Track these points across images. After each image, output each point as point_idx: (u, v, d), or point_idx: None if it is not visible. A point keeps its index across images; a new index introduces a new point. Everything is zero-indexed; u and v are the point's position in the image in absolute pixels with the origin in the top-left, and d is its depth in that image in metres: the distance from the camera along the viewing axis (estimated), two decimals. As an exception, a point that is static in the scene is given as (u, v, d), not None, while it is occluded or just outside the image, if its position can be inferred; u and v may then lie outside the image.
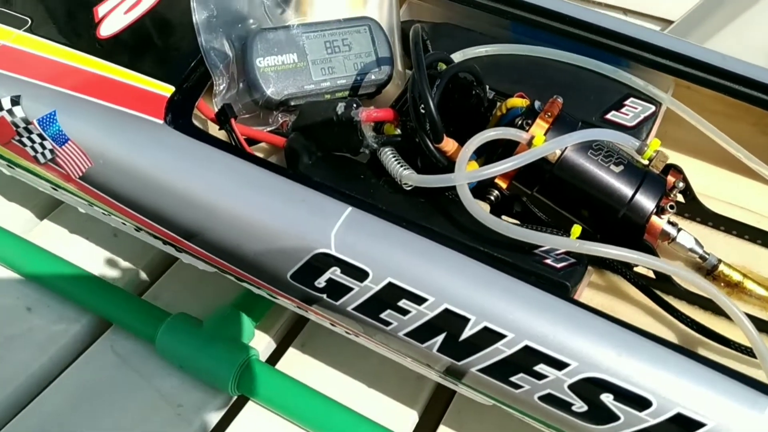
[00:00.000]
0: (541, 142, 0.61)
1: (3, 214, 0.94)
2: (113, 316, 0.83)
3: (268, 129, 0.73)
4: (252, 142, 0.72)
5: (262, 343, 0.81)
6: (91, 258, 0.90)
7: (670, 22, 1.27)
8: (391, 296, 0.58)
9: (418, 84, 0.61)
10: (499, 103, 0.67)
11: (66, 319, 0.84)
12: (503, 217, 0.66)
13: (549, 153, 0.61)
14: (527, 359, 0.54)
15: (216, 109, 0.71)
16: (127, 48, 0.73)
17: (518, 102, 0.66)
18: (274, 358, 0.81)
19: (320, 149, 0.69)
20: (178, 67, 0.70)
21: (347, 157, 0.68)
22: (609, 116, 0.72)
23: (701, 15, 1.20)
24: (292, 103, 0.72)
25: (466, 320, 0.55)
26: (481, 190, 0.65)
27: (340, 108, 0.66)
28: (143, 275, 0.90)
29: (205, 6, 0.72)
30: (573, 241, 0.57)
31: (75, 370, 0.80)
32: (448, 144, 0.63)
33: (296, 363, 0.79)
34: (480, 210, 0.59)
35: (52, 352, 0.82)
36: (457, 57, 0.75)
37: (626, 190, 0.63)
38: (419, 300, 0.56)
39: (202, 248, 0.67)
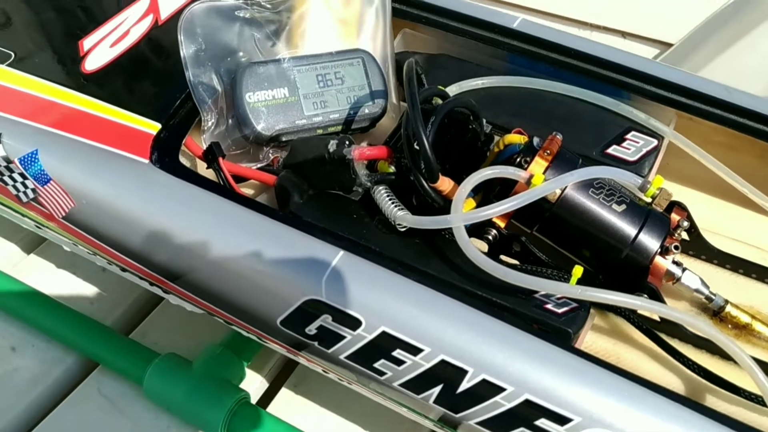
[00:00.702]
0: (540, 181, 0.59)
1: (-12, 250, 0.91)
2: (100, 356, 0.80)
3: (259, 165, 0.71)
4: (242, 179, 0.70)
5: (253, 384, 0.78)
6: (78, 294, 0.87)
7: (669, 45, 1.26)
8: (385, 345, 0.55)
9: (412, 122, 0.59)
10: (496, 139, 0.65)
11: (51, 360, 0.81)
12: (501, 256, 0.64)
13: (549, 193, 0.59)
14: (528, 413, 0.51)
15: (204, 146, 0.68)
16: (113, 83, 0.70)
17: (516, 138, 0.64)
18: (266, 399, 0.79)
19: (312, 187, 0.66)
20: (165, 102, 0.68)
21: (339, 195, 0.66)
22: (610, 150, 0.70)
23: (700, 38, 1.18)
24: (284, 139, 0.70)
25: (464, 372, 0.52)
26: (478, 228, 0.63)
27: (332, 145, 0.64)
28: (131, 312, 0.87)
29: (192, 39, 0.70)
30: (575, 288, 0.55)
31: (60, 413, 0.77)
32: (444, 183, 0.61)
33: (289, 405, 0.76)
34: (477, 254, 0.56)
35: (37, 393, 0.79)
36: (453, 90, 0.73)
37: (629, 230, 0.61)
38: (415, 350, 0.54)
39: (188, 291, 0.65)
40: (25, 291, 0.84)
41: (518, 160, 0.62)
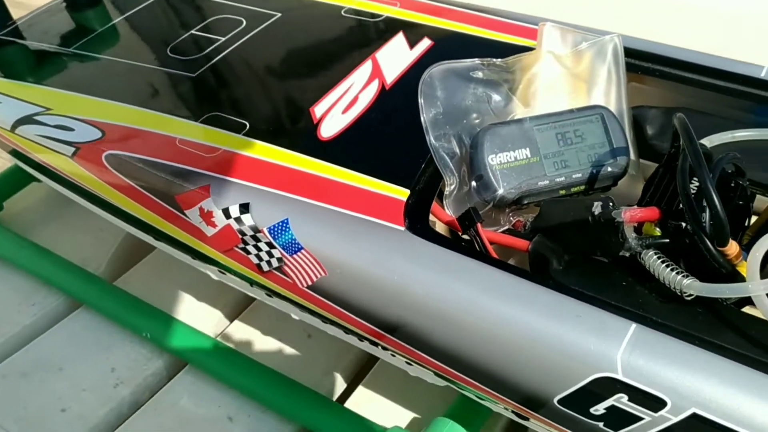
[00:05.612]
0: None
1: (194, 316, 0.92)
2: (320, 428, 0.78)
3: (501, 229, 0.68)
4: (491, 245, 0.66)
5: (480, 459, 0.74)
6: (285, 361, 0.86)
7: None
8: (694, 430, 0.50)
9: (701, 182, 0.54)
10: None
11: (268, 430, 0.80)
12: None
13: None
14: None
15: (449, 212, 0.66)
16: (352, 149, 0.69)
17: (804, 196, 0.58)
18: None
19: (569, 252, 0.62)
20: (408, 168, 0.66)
21: (598, 261, 0.62)
22: None
23: None
24: (526, 201, 0.67)
25: (800, 463, 0.47)
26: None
27: (597, 208, 0.60)
28: (341, 379, 0.85)
29: (432, 103, 0.68)
30: None
31: (280, 486, 0.76)
32: (732, 247, 0.56)
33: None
34: (794, 327, 0.51)
35: (256, 466, 0.77)
36: (705, 144, 0.68)
37: None
38: (735, 436, 0.48)
39: (444, 363, 0.62)
40: (239, 359, 0.84)
41: (812, 220, 0.56)
